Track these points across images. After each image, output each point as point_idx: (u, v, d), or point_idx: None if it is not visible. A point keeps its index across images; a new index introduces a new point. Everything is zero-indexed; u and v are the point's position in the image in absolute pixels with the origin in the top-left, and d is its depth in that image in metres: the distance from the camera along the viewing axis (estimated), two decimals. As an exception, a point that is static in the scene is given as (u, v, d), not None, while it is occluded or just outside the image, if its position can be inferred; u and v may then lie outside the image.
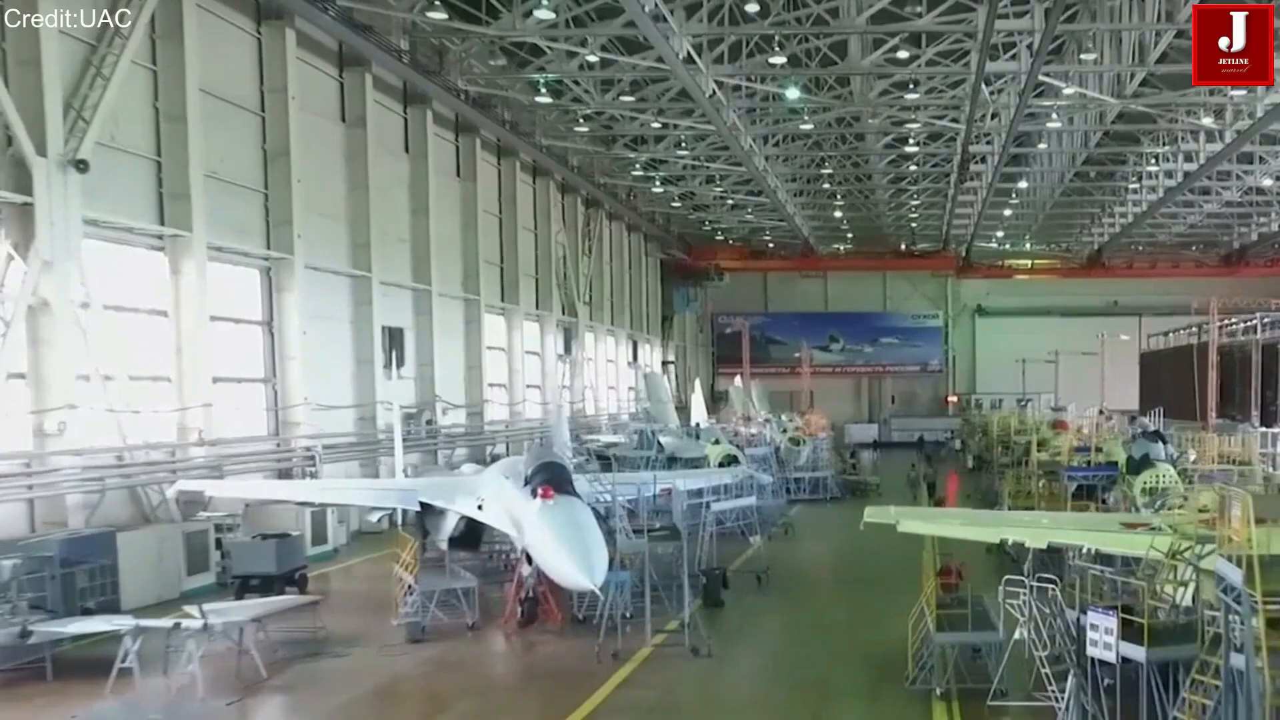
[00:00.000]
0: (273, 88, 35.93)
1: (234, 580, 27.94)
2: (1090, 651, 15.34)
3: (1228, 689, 13.56)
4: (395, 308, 44.30)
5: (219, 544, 30.48)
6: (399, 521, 31.08)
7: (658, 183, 70.53)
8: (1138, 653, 14.86)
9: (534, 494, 21.52)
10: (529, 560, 22.91)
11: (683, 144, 59.12)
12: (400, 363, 44.30)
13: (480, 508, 24.15)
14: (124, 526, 27.58)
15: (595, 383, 71.58)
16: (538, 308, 61.32)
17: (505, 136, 53.88)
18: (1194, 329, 76.22)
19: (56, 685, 20.36)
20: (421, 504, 25.86)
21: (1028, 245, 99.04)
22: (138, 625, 20.21)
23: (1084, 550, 17.49)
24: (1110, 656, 15.07)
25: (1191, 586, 15.41)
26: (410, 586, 24.58)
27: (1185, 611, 15.74)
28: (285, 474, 35.72)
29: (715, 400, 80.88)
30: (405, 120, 45.81)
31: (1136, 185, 72.41)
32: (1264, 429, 51.15)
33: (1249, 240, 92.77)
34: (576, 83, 48.24)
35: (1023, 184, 72.40)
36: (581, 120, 54.86)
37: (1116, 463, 31.89)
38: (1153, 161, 65.64)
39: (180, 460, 31.19)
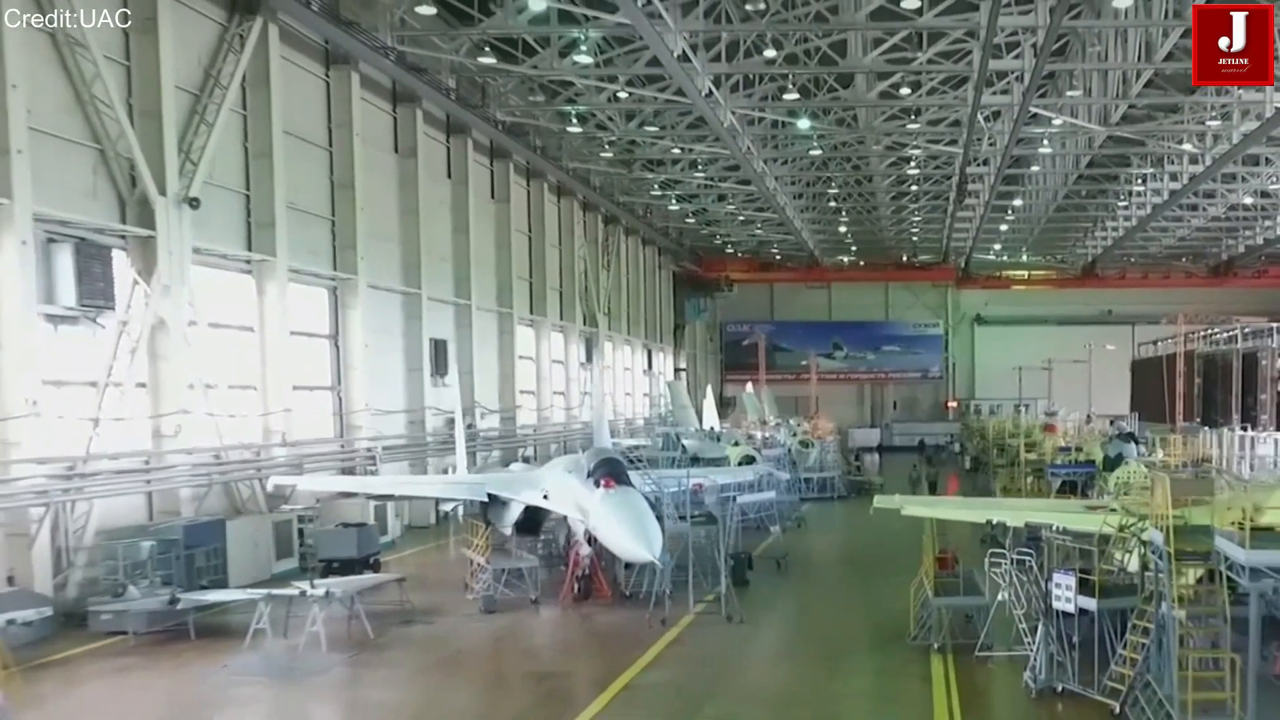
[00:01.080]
0: (339, 124, 40.04)
1: (320, 563, 32.05)
2: (1055, 605, 19.37)
3: (1158, 629, 17.62)
4: (439, 321, 48.35)
5: (300, 533, 34.59)
6: (459, 514, 35.36)
7: (673, 201, 74.69)
8: (1091, 604, 18.89)
9: (597, 484, 25.66)
10: (589, 542, 26.99)
11: (698, 166, 63.13)
12: (444, 371, 48.35)
13: (545, 497, 28.21)
14: (223, 517, 31.56)
15: (614, 389, 75.59)
16: (562, 319, 65.36)
17: (535, 160, 58.02)
18: (1179, 339, 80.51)
19: (199, 643, 24.39)
20: (489, 495, 29.85)
21: (1024, 257, 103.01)
22: (269, 593, 24.29)
23: (1054, 528, 21.51)
24: (1070, 608, 19.09)
25: (1136, 553, 19.43)
26: (481, 566, 28.67)
27: (1131, 575, 19.78)
28: (349, 472, 39.73)
29: (724, 406, 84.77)
30: (448, 149, 49.84)
31: (1126, 203, 76.44)
32: (1237, 431, 55.07)
33: (1236, 252, 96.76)
34: (604, 113, 52.35)
35: (1018, 201, 76.46)
36: (607, 146, 58.89)
37: (1094, 461, 35.93)
38: (1139, 181, 69.68)
39: (265, 459, 35.21)
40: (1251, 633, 15.53)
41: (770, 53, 42.08)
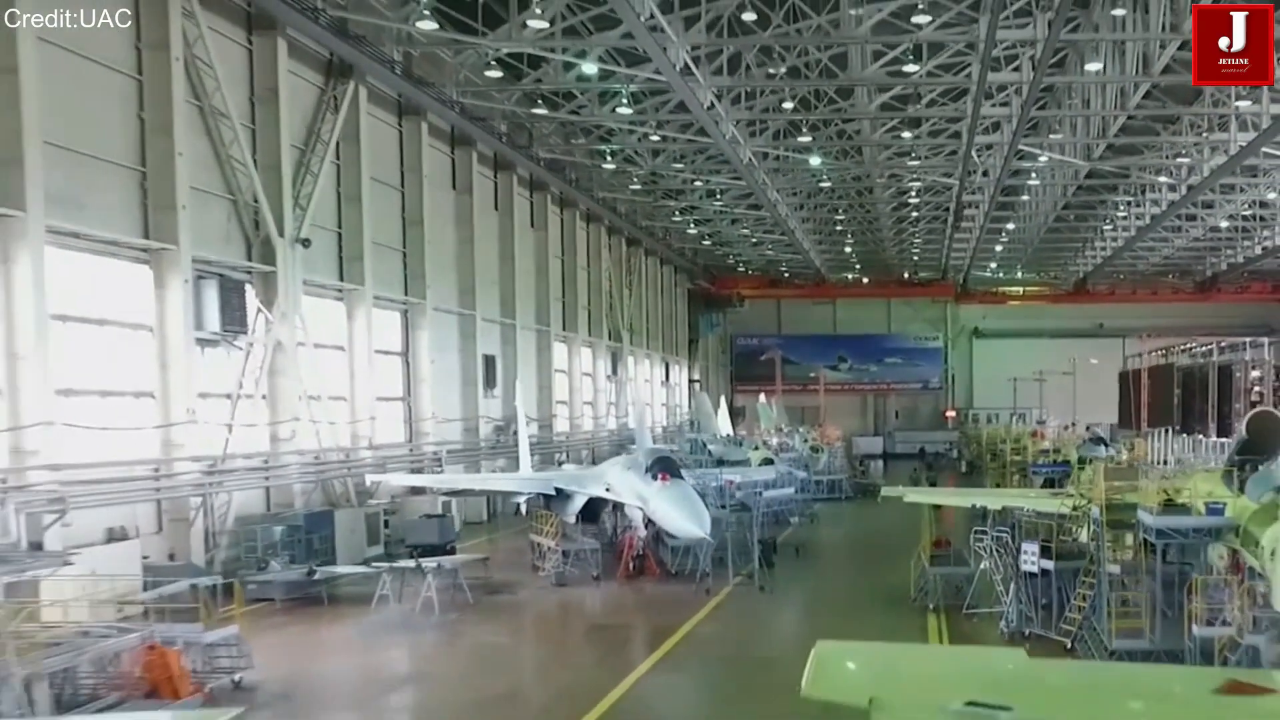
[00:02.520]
0: (410, 168, 45.82)
1: (408, 548, 37.59)
2: (1023, 567, 24.95)
3: (1099, 583, 23.21)
4: (488, 339, 53.97)
5: (386, 523, 40.16)
6: (522, 509, 41.04)
7: (691, 225, 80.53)
8: (1050, 565, 24.48)
9: (654, 477, 31.40)
10: (646, 526, 32.63)
11: (716, 195, 68.85)
12: (493, 384, 54.01)
13: (608, 489, 33.86)
14: (328, 508, 37.19)
15: (636, 399, 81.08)
16: (590, 335, 71.02)
17: (568, 191, 63.79)
18: (1163, 352, 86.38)
19: (332, 609, 29.98)
20: (556, 489, 35.48)
21: (1019, 274, 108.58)
22: (392, 566, 29.93)
23: (1025, 510, 27.12)
24: (1034, 569, 24.68)
25: (1087, 528, 25.02)
26: (551, 548, 34.27)
27: (1083, 544, 25.40)
28: (418, 472, 45.31)
29: (733, 415, 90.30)
30: (495, 184, 55.53)
31: (1111, 226, 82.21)
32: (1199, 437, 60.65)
33: (1220, 269, 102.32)
34: (636, 151, 58.15)
35: (1011, 225, 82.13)
36: (635, 180, 64.67)
37: (1069, 461, 41.57)
38: (1122, 208, 75.44)
39: (354, 461, 40.85)
40: (1157, 575, 21.19)
41: (789, 104, 47.82)
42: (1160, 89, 48.09)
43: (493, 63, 44.33)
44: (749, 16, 38.01)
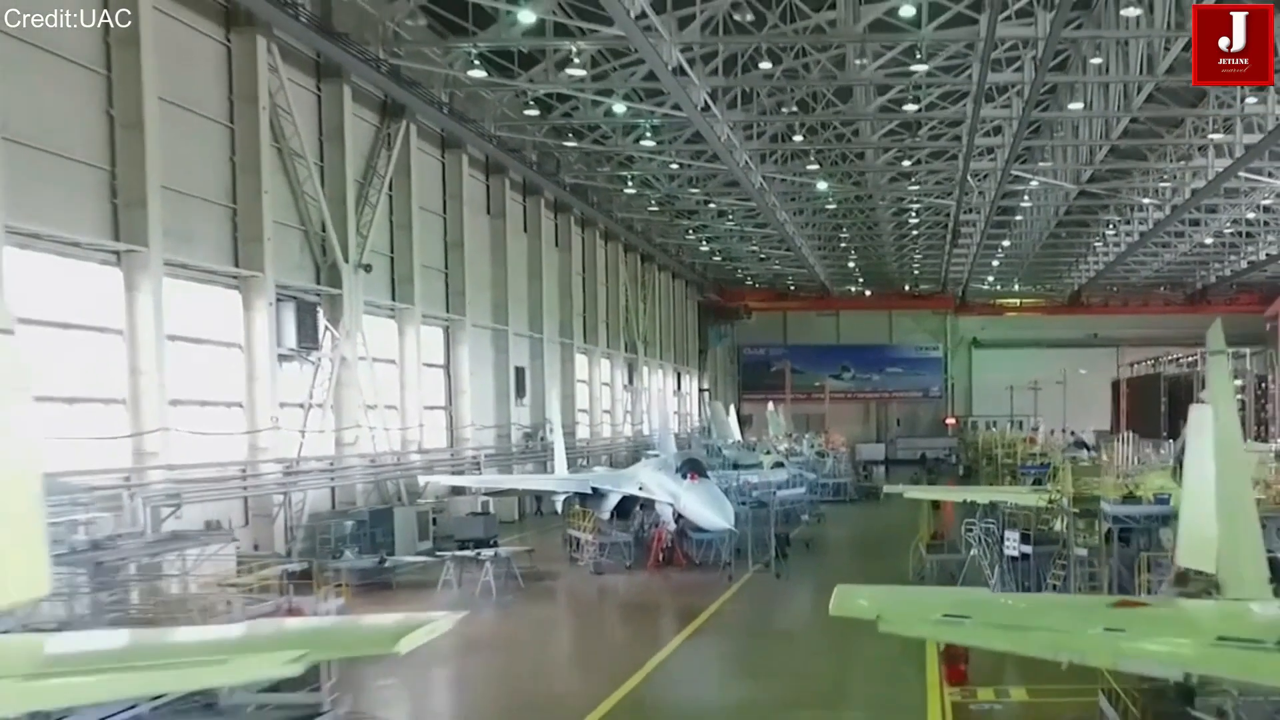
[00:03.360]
0: (452, 196, 50.03)
1: (457, 542, 41.63)
2: (1006, 551, 29.04)
3: (1069, 564, 27.33)
4: (519, 352, 58.13)
5: (434, 520, 44.21)
6: (558, 508, 45.08)
7: (704, 243, 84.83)
8: (1029, 550, 28.57)
9: (684, 476, 35.55)
10: (676, 520, 36.74)
11: (728, 215, 73.06)
12: (522, 394, 58.18)
13: (641, 488, 38.00)
14: (388, 506, 41.31)
15: (649, 407, 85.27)
16: (608, 346, 75.17)
17: (588, 212, 68.01)
18: (1152, 361, 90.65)
19: (399, 593, 34.06)
20: (593, 488, 39.62)
21: (1016, 286, 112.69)
22: (454, 554, 34.07)
23: (1008, 504, 31.23)
24: (1016, 554, 28.78)
25: (1061, 519, 29.12)
26: (589, 541, 38.38)
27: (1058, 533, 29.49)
28: (458, 474, 49.42)
29: (741, 423, 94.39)
30: (524, 208, 59.74)
31: (1101, 243, 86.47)
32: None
33: (1209, 281, 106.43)
34: (655, 176, 62.39)
35: (1006, 242, 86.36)
36: (653, 201, 68.95)
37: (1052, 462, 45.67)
38: (1112, 226, 79.70)
39: (403, 464, 44.97)
40: (1115, 550, 25.35)
41: (799, 137, 52.15)
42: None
43: (530, 101, 48.50)
44: (765, 65, 42.18)
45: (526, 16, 37.04)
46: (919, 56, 39.94)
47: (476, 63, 42.10)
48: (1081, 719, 16.54)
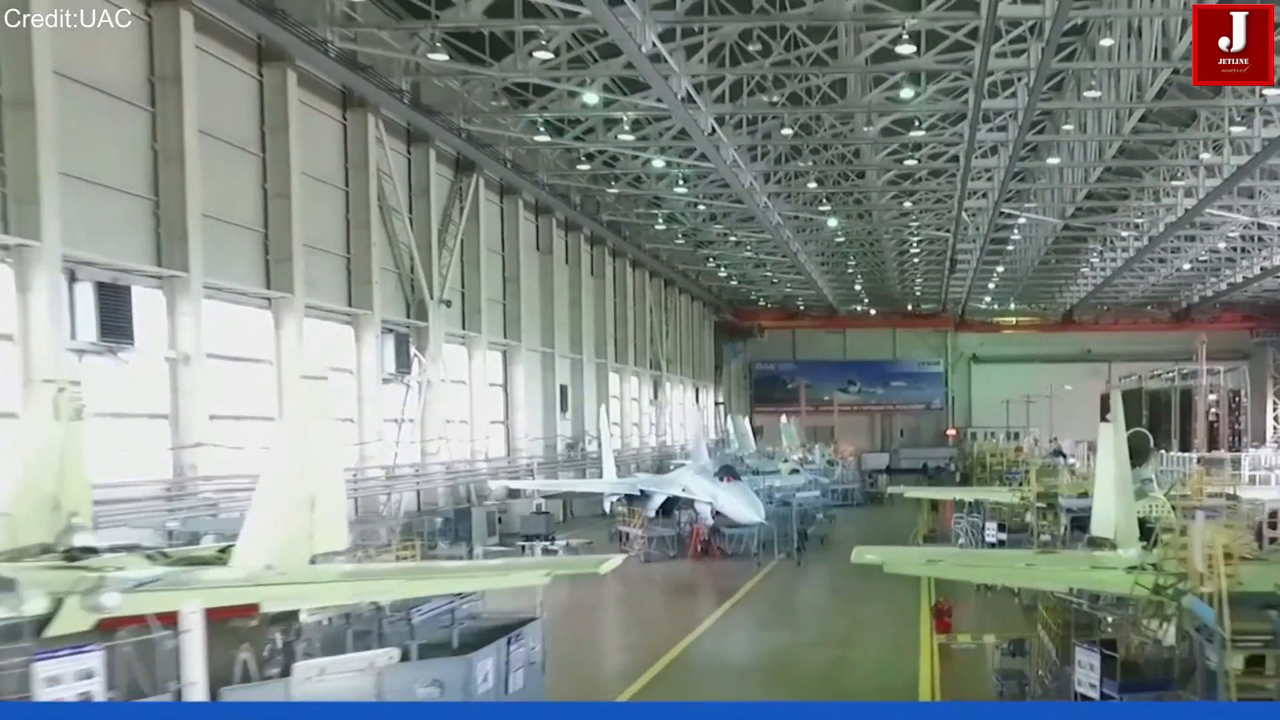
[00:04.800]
0: (509, 236, 57.24)
1: (522, 537, 48.74)
2: (986, 540, 36.07)
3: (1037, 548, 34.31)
4: (562, 371, 65.25)
5: (500, 519, 51.24)
6: (606, 508, 52.13)
7: (721, 269, 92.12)
8: (1004, 537, 35.58)
9: (721, 479, 42.68)
10: (713, 517, 43.83)
11: (746, 246, 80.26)
12: (565, 409, 65.31)
13: (684, 490, 45.11)
14: (466, 506, 48.39)
15: (671, 421, 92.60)
16: (636, 365, 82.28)
17: (621, 245, 75.23)
18: (1137, 377, 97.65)
19: (486, 575, 41.12)
20: (640, 490, 46.73)
21: (1012, 306, 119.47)
22: (533, 546, 41.21)
23: (989, 501, 38.28)
24: (994, 540, 35.79)
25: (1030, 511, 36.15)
26: (639, 535, 45.47)
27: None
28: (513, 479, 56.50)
29: (754, 434, 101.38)
30: (566, 242, 66.93)
31: (1089, 269, 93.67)
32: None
33: (1193, 301, 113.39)
34: (681, 214, 69.65)
35: (1000, 268, 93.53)
36: (680, 236, 76.28)
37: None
38: (1096, 255, 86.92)
39: (474, 471, 52.06)
40: (1070, 535, 32.32)
41: (812, 181, 59.36)
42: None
43: (582, 157, 55.83)
44: (786, 131, 49.40)
45: (591, 98, 44.13)
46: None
47: (542, 129, 49.31)
48: (1019, 639, 23.43)
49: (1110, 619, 17.45)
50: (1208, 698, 13.73)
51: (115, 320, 28.91)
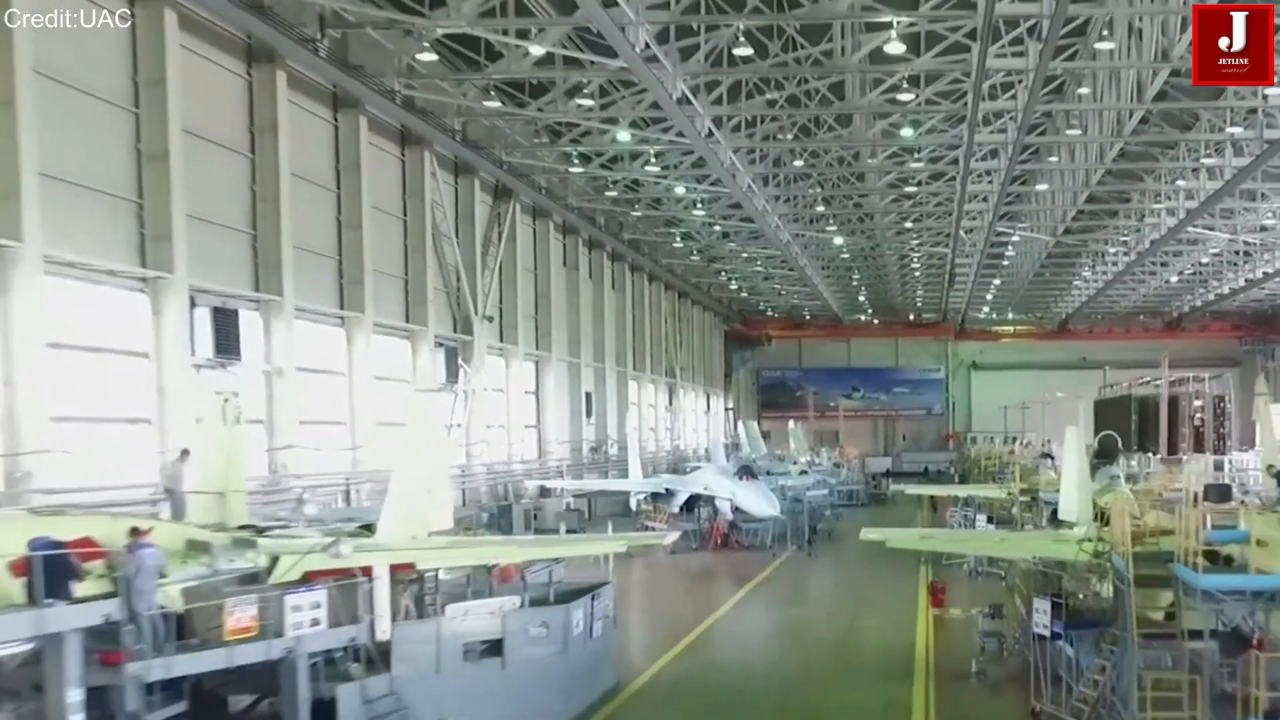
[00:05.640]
0: (541, 255, 62.08)
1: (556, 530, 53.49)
2: (977, 528, 40.79)
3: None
4: (586, 378, 70.04)
5: (535, 515, 55.97)
6: (632, 506, 56.86)
7: (732, 281, 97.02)
8: (992, 527, 40.24)
9: (740, 478, 47.49)
10: (732, 512, 48.60)
11: (756, 261, 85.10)
12: (590, 415, 70.10)
13: (705, 489, 49.89)
14: (506, 503, 53.17)
15: (684, 426, 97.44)
16: (652, 373, 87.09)
17: (639, 260, 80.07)
18: (1126, 384, 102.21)
19: (530, 564, 45.88)
20: (665, 488, 51.51)
21: (1010, 315, 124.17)
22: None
23: (979, 496, 43.04)
24: (981, 528, 40.54)
25: (1014, 504, 40.91)
26: (664, 530, 50.18)
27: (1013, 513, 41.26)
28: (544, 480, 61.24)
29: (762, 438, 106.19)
30: (590, 260, 71.74)
31: (1081, 281, 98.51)
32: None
33: (1183, 310, 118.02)
34: (697, 232, 74.52)
35: (997, 280, 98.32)
36: (694, 252, 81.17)
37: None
38: (1088, 268, 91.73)
39: (508, 471, 56.82)
40: (1044, 519, 37.09)
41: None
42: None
43: (610, 184, 60.69)
44: (798, 164, 54.19)
45: (623, 135, 48.89)
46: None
47: (575, 160, 54.17)
48: (998, 604, 28.16)
49: (1064, 579, 22.18)
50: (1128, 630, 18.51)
51: (226, 339, 33.66)
